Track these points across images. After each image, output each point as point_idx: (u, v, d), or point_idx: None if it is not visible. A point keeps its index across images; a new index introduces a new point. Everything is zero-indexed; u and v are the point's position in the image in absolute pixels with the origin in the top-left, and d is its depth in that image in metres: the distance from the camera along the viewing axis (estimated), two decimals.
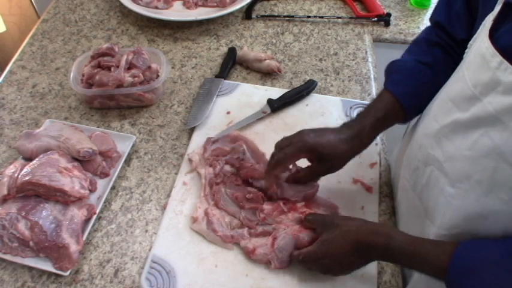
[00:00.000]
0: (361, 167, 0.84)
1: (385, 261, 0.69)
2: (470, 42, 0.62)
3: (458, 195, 0.58)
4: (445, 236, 0.60)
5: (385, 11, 1.19)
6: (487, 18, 0.58)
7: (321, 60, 1.08)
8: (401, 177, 0.78)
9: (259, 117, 0.92)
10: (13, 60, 1.08)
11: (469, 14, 0.69)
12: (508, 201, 0.52)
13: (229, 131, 0.89)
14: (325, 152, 0.69)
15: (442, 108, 0.64)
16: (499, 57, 0.51)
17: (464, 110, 0.57)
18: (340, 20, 1.20)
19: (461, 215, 0.58)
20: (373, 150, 0.86)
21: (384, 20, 1.18)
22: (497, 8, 0.55)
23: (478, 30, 0.60)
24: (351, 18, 1.20)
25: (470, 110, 0.56)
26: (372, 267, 0.71)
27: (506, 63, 0.50)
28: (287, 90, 0.97)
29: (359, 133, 0.71)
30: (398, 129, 0.85)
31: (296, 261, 0.69)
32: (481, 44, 0.56)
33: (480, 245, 0.55)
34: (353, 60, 1.08)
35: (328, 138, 0.70)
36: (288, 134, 0.73)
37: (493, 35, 0.54)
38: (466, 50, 0.63)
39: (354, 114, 0.92)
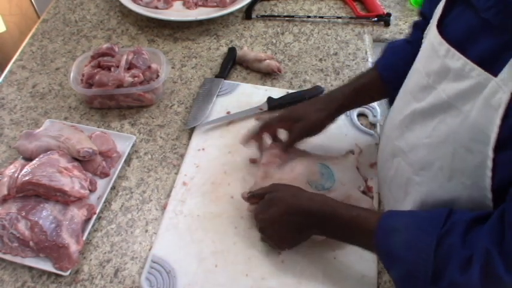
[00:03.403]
0: (361, 167, 0.84)
1: (322, 234, 0.67)
2: (425, 32, 0.64)
3: (424, 183, 0.59)
4: None
5: (385, 11, 1.19)
6: (436, 9, 0.60)
7: (321, 60, 1.08)
8: (378, 170, 0.80)
9: (254, 112, 0.92)
10: (13, 60, 1.08)
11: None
12: (471, 185, 0.52)
13: (224, 119, 0.91)
14: (299, 111, 0.79)
15: (403, 100, 0.66)
16: (446, 45, 0.53)
17: (420, 100, 0.59)
18: (340, 20, 1.20)
19: (429, 203, 0.59)
20: (373, 150, 0.86)
21: (384, 20, 1.18)
22: None
23: (431, 21, 0.61)
24: (351, 18, 1.20)
25: (426, 99, 0.58)
26: (372, 267, 0.71)
27: (453, 50, 0.52)
28: (292, 91, 0.97)
29: (332, 92, 0.81)
30: None
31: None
32: (430, 34, 0.58)
33: (403, 212, 0.60)
34: (353, 60, 1.08)
35: (302, 104, 0.82)
36: None
37: (442, 25, 0.57)
38: (423, 41, 0.64)
39: (354, 114, 0.93)
